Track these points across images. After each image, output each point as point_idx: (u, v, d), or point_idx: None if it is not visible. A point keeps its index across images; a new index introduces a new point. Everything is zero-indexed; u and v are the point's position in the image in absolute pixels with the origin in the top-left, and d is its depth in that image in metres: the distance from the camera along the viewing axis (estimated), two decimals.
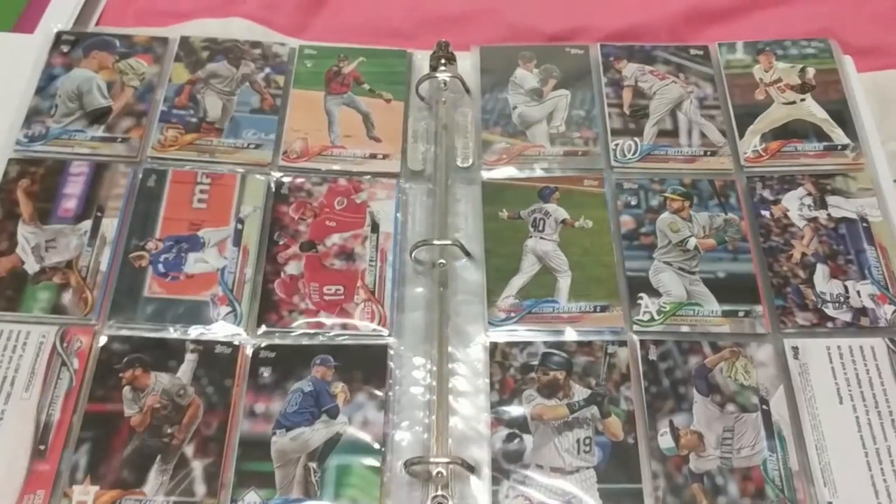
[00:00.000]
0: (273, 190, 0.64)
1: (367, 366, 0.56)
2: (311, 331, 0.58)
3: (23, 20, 0.77)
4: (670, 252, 0.61)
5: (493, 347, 0.57)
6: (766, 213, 0.63)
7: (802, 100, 0.68)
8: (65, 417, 0.54)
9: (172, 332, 0.57)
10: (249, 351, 0.57)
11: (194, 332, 0.57)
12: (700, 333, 0.57)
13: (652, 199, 0.63)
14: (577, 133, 0.67)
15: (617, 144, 0.66)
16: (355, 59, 0.71)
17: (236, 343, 0.57)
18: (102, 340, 0.57)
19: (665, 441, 0.53)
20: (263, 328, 0.58)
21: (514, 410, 0.54)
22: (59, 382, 0.55)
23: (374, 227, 0.62)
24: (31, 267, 0.59)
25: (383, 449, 0.53)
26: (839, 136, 0.66)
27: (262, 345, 0.57)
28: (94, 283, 0.59)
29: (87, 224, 0.61)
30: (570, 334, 0.57)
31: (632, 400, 0.55)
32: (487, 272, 0.60)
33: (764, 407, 0.54)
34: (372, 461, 0.53)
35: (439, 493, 0.51)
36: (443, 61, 0.69)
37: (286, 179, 0.64)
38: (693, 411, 0.54)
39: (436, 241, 0.60)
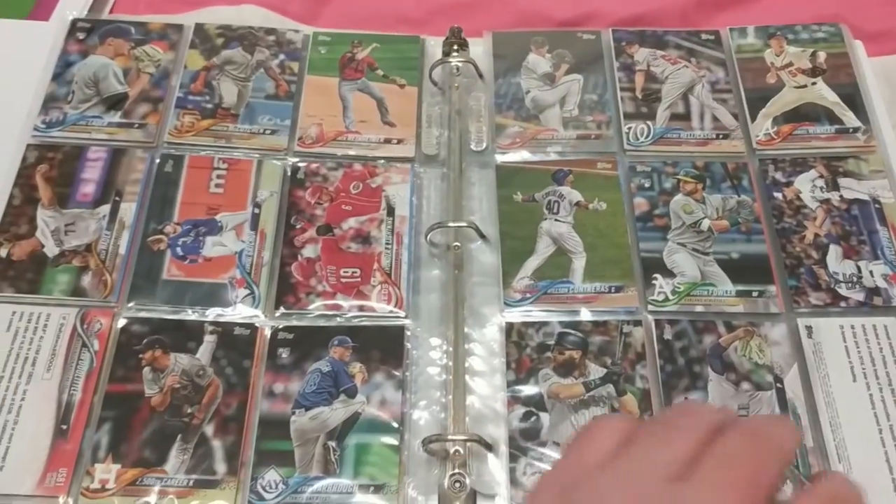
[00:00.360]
0: (289, 175, 0.64)
1: (384, 346, 0.57)
2: (329, 312, 0.58)
3: (38, 8, 0.78)
4: (684, 233, 0.61)
5: (509, 328, 0.57)
6: (778, 195, 0.63)
7: (814, 83, 0.69)
8: (86, 397, 0.54)
9: (191, 314, 0.58)
10: (268, 332, 0.57)
11: (213, 313, 0.58)
12: (714, 313, 0.58)
13: (665, 182, 0.64)
14: (589, 117, 0.67)
15: (630, 128, 0.66)
16: (369, 45, 0.71)
17: (255, 325, 0.57)
18: (122, 322, 0.57)
19: None
20: (281, 310, 0.58)
21: (531, 389, 0.55)
22: (79, 363, 0.55)
23: (390, 211, 0.63)
24: (51, 250, 0.60)
25: (401, 427, 0.54)
26: (850, 119, 0.67)
27: (281, 326, 0.57)
28: (113, 266, 0.59)
29: (105, 208, 0.62)
30: (586, 314, 0.58)
31: (647, 378, 0.55)
32: (502, 254, 0.60)
33: (778, 385, 0.55)
34: (390, 439, 0.53)
35: (457, 470, 0.51)
36: (455, 47, 0.69)
37: (302, 164, 0.65)
38: (708, 389, 0.55)
39: (451, 224, 0.61)
